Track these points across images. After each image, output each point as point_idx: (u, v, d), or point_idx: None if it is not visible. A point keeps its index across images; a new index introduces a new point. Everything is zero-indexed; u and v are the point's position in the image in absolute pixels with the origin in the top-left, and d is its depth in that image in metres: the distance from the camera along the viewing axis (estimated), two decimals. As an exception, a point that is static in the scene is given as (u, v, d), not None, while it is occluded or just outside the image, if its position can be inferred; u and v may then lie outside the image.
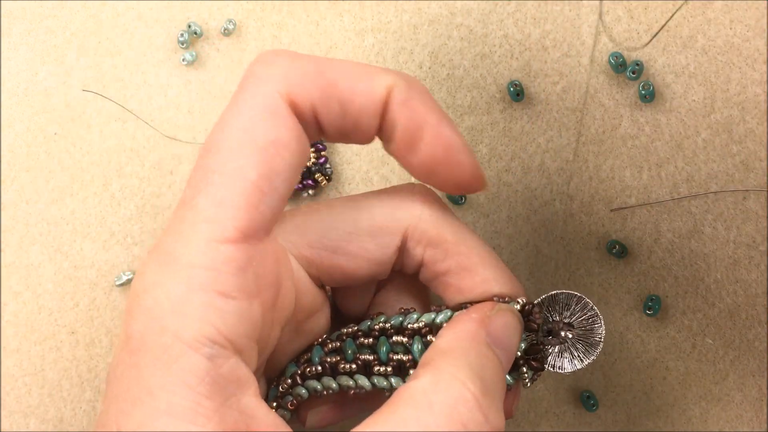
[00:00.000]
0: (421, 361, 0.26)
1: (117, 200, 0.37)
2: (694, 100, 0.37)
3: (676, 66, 0.37)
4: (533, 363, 0.28)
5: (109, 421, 0.24)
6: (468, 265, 0.28)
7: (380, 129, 0.27)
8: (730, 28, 0.37)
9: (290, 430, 0.26)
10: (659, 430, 0.36)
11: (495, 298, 0.28)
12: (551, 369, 0.28)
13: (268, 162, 0.25)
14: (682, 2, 0.36)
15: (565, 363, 0.28)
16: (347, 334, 0.29)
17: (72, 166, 0.38)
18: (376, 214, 0.29)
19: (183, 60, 0.37)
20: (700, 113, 0.37)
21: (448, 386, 0.23)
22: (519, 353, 0.28)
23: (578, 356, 0.28)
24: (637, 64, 0.36)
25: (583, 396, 0.35)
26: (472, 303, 0.28)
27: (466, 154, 0.27)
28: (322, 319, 0.30)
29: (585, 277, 0.36)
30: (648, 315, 0.35)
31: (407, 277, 0.31)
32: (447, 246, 0.28)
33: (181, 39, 0.37)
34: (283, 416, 0.29)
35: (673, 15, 0.33)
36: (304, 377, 0.29)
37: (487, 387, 0.24)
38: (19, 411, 0.36)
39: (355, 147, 0.37)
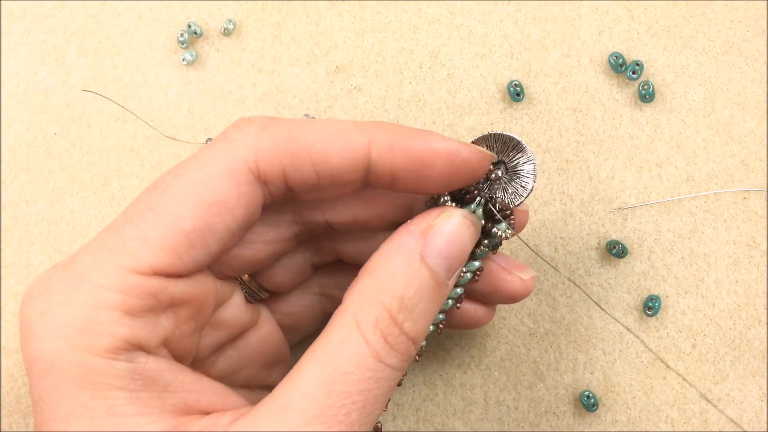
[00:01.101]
0: (356, 277, 0.27)
1: (117, 200, 0.37)
2: (694, 100, 0.37)
3: (676, 66, 0.37)
4: (503, 214, 0.29)
5: None
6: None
7: (375, 179, 0.27)
8: (730, 28, 0.37)
9: (238, 396, 0.27)
10: (659, 430, 0.36)
11: (437, 195, 0.28)
12: (514, 204, 0.29)
13: (208, 219, 0.25)
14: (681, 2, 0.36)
15: (520, 191, 0.29)
16: None
17: (72, 166, 0.38)
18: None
19: (183, 60, 0.37)
20: (700, 113, 0.37)
21: (371, 307, 0.25)
22: (482, 220, 0.29)
23: (523, 180, 0.29)
24: (637, 64, 0.36)
25: (583, 396, 0.35)
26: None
27: (464, 148, 0.27)
28: (232, 310, 0.30)
29: (585, 277, 0.36)
30: (648, 315, 0.35)
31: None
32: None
33: (181, 39, 0.37)
34: None
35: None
36: None
37: (406, 302, 0.26)
38: (19, 411, 0.36)
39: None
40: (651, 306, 0.35)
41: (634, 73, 0.36)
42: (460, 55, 0.37)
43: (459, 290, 0.29)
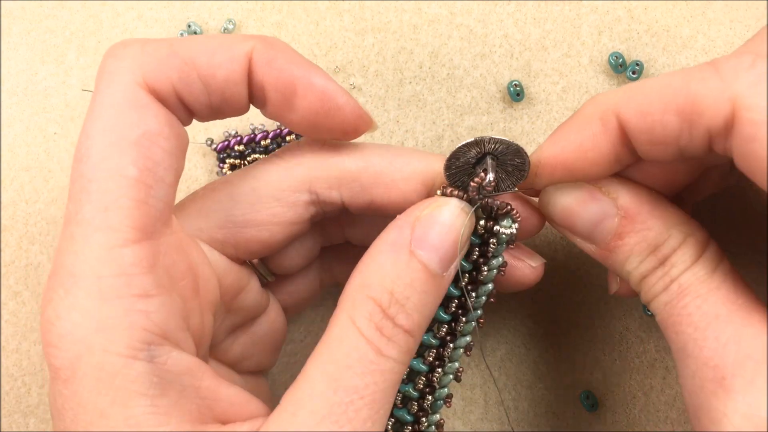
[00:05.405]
0: (350, 277, 0.26)
1: (117, 200, 0.37)
2: (694, 100, 0.37)
3: (676, 66, 0.37)
4: (501, 212, 0.28)
5: None
6: (384, 175, 0.28)
7: (252, 96, 0.27)
8: (730, 28, 0.37)
9: (257, 399, 0.26)
10: (659, 430, 0.35)
11: (439, 191, 0.28)
12: (512, 187, 0.29)
13: (145, 154, 0.24)
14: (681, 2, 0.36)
15: (510, 189, 0.29)
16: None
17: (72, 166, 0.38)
18: (272, 176, 0.28)
19: (183, 60, 0.38)
20: (700, 113, 0.37)
21: (363, 303, 0.25)
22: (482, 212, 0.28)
23: (516, 162, 0.29)
24: (637, 64, 0.36)
25: (583, 396, 0.35)
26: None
27: (344, 97, 0.27)
28: (251, 295, 0.30)
29: (584, 278, 0.36)
30: (648, 315, 0.35)
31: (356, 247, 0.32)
32: (355, 176, 0.28)
33: (181, 39, 0.37)
34: None
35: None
36: None
37: (396, 296, 0.25)
38: (19, 411, 0.36)
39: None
40: (651, 306, 0.35)
41: (634, 73, 0.36)
42: (460, 55, 0.37)
43: (489, 286, 0.29)
